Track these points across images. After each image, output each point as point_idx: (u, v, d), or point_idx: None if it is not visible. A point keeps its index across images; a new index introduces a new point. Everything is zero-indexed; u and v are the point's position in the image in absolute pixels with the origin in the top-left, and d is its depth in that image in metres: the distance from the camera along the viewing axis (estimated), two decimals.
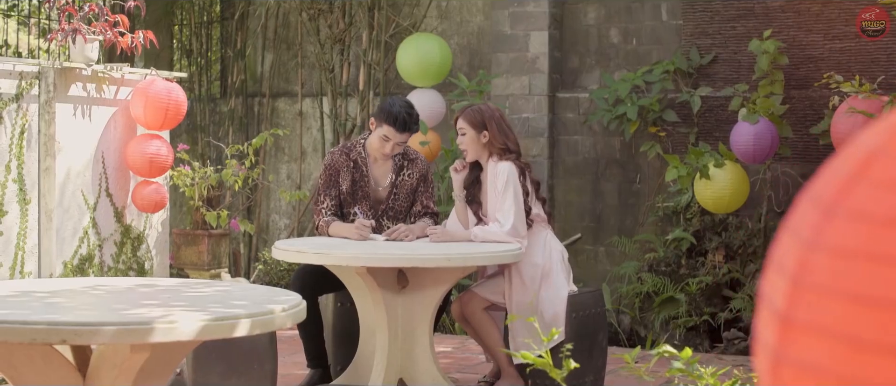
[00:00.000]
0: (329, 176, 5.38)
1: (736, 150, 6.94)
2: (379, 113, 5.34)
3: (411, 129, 5.31)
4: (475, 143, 5.26)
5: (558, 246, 5.37)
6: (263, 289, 3.58)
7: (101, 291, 3.53)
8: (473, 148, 5.27)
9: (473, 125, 5.26)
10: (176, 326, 2.93)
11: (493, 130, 5.25)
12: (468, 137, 5.27)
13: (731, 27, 7.64)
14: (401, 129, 5.26)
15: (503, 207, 5.14)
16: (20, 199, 5.87)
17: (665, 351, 2.84)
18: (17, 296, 3.37)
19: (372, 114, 5.45)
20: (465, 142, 5.28)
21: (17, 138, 5.85)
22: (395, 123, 5.25)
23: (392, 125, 5.25)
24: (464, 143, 5.28)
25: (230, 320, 3.02)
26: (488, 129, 5.25)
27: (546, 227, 5.39)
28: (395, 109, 5.27)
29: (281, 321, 3.16)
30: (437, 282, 4.99)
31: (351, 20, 8.58)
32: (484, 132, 5.25)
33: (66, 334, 2.89)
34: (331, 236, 5.27)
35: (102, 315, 3.04)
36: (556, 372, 2.56)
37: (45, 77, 5.96)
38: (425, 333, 5.05)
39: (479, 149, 5.28)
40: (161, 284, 3.66)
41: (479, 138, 5.25)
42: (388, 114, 5.27)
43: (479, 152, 5.29)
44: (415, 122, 5.32)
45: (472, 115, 5.29)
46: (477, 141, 5.26)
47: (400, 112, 5.26)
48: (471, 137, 5.26)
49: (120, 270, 6.39)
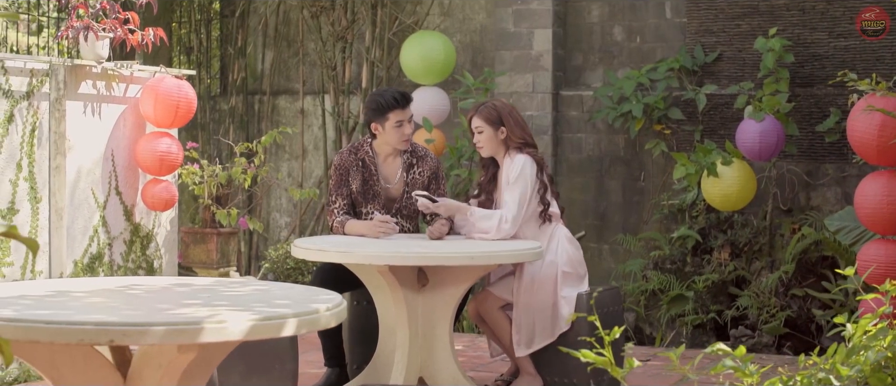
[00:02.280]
0: (339, 176, 5.35)
1: (741, 148, 6.95)
2: (375, 112, 5.26)
3: (409, 99, 5.30)
4: (492, 141, 5.24)
5: (571, 243, 5.35)
6: (301, 288, 3.56)
7: (138, 291, 3.50)
8: (491, 145, 5.25)
9: (490, 122, 5.23)
10: (225, 325, 2.90)
11: (510, 125, 5.24)
12: (485, 135, 5.24)
13: (736, 25, 7.65)
14: (404, 105, 5.25)
15: (507, 197, 5.12)
16: (31, 197, 5.82)
17: (719, 349, 2.84)
18: (55, 296, 3.33)
19: (368, 120, 5.33)
20: (482, 140, 5.25)
21: (28, 136, 5.80)
22: (396, 104, 5.22)
23: (394, 107, 5.22)
24: (481, 141, 5.25)
25: (277, 320, 3.00)
26: (505, 125, 5.23)
27: (560, 223, 5.37)
28: (386, 95, 5.26)
29: (325, 321, 3.14)
30: (457, 280, 4.98)
31: (353, 17, 8.56)
32: (501, 128, 5.23)
33: (115, 335, 2.87)
34: (347, 234, 5.24)
35: (149, 315, 3.01)
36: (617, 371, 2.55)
37: (55, 74, 5.91)
38: (445, 331, 5.04)
39: (496, 145, 5.26)
40: (196, 284, 3.63)
41: (496, 135, 5.23)
42: (384, 103, 5.23)
43: (496, 149, 5.27)
44: (408, 94, 5.33)
45: (488, 112, 5.26)
46: (495, 138, 5.24)
47: (391, 93, 5.27)
48: (488, 135, 5.23)
49: (130, 268, 6.35)
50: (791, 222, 7.29)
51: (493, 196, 5.34)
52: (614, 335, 2.53)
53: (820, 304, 6.97)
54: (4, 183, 5.68)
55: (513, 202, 5.11)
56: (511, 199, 5.12)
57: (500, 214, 5.11)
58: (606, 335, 2.55)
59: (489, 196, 5.34)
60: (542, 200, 5.25)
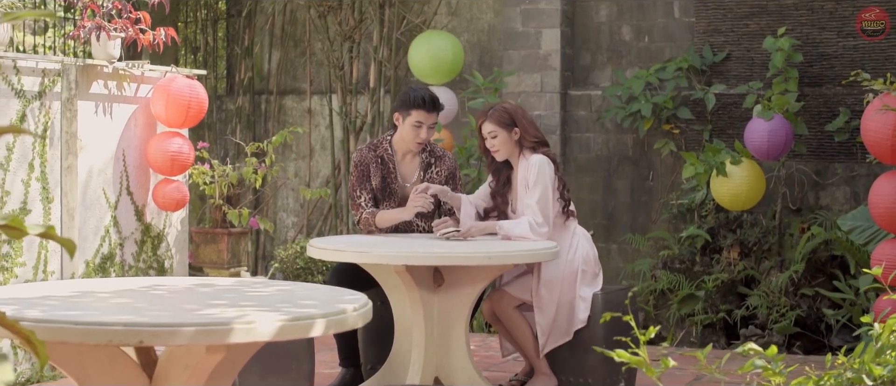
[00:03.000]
0: (361, 172, 5.36)
1: (750, 147, 6.95)
2: (402, 103, 5.32)
3: (438, 107, 5.31)
4: (507, 143, 5.22)
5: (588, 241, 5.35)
6: (325, 288, 3.55)
7: (162, 291, 3.49)
8: (505, 148, 5.23)
9: (502, 125, 5.21)
10: (254, 326, 2.90)
11: (523, 126, 5.23)
12: (500, 139, 5.21)
13: (744, 25, 7.65)
14: (430, 109, 5.26)
15: (531, 201, 5.12)
16: (43, 197, 5.81)
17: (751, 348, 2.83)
18: (79, 296, 3.32)
19: (394, 108, 5.41)
20: (496, 144, 5.22)
21: (40, 136, 5.79)
22: (423, 104, 5.25)
23: (420, 107, 5.25)
24: (495, 146, 5.22)
25: (306, 320, 2.99)
26: (519, 126, 5.22)
27: (575, 222, 5.37)
28: (417, 92, 5.29)
29: (353, 321, 3.13)
30: (473, 280, 4.97)
31: (361, 17, 8.55)
32: (514, 129, 5.21)
33: (144, 335, 2.86)
34: (379, 227, 5.24)
35: (177, 316, 3.00)
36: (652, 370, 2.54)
37: (67, 74, 5.90)
38: (461, 331, 5.03)
39: (510, 147, 5.24)
40: (219, 284, 3.62)
41: (510, 137, 5.22)
42: (412, 99, 5.27)
43: (510, 151, 5.25)
44: (439, 101, 5.33)
45: (500, 115, 5.23)
46: (509, 140, 5.22)
47: (423, 93, 5.28)
48: (502, 138, 5.21)
49: (141, 268, 6.34)
50: (800, 222, 7.29)
51: (508, 198, 5.32)
52: (650, 334, 2.52)
53: (829, 303, 6.97)
54: (17, 183, 5.67)
55: (537, 203, 5.10)
56: (534, 201, 5.10)
57: (528, 219, 5.09)
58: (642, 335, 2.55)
59: (504, 199, 5.32)
60: (561, 196, 5.24)
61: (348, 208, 8.52)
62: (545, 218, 5.09)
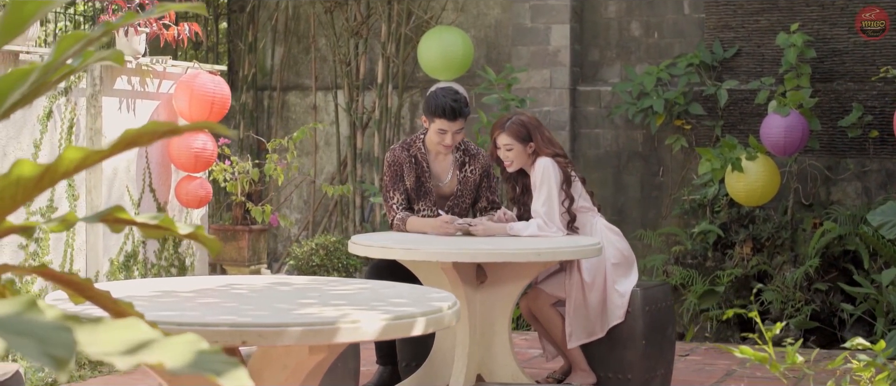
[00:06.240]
0: (394, 172, 5.32)
1: (766, 143, 6.98)
2: (427, 109, 5.30)
3: (463, 113, 5.26)
4: (522, 155, 5.25)
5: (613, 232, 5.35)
6: (407, 286, 3.52)
7: (242, 290, 3.44)
8: (520, 159, 5.26)
9: (519, 138, 5.23)
10: (359, 326, 2.86)
11: (538, 139, 5.24)
12: (515, 151, 5.23)
13: (755, 20, 7.68)
14: (452, 118, 5.23)
15: (537, 205, 5.15)
16: (69, 195, 5.73)
17: (859, 344, 2.84)
18: (163, 296, 3.27)
19: (422, 111, 5.39)
20: (511, 156, 5.24)
21: (66, 133, 5.71)
22: (444, 114, 5.22)
23: (442, 116, 5.22)
24: (509, 158, 5.25)
25: (407, 319, 2.96)
26: (534, 140, 5.23)
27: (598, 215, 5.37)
28: (440, 100, 5.24)
29: (448, 319, 3.10)
30: (516, 277, 4.96)
31: (368, 12, 8.50)
32: (530, 143, 5.23)
33: (249, 336, 2.81)
34: (408, 232, 5.21)
35: (278, 316, 2.96)
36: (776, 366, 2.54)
37: (92, 70, 5.82)
38: (504, 328, 5.02)
39: (525, 159, 5.27)
40: (295, 283, 3.58)
41: (525, 150, 5.24)
42: (434, 107, 5.24)
43: (525, 162, 5.28)
44: (465, 106, 5.27)
45: (516, 128, 5.24)
46: (523, 153, 5.25)
47: (445, 102, 5.23)
48: (518, 151, 5.24)
49: (163, 266, 6.27)
50: (812, 217, 7.34)
51: (529, 205, 5.33)
52: (775, 331, 2.52)
53: (843, 297, 7.02)
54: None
55: (542, 204, 5.13)
56: (539, 204, 5.14)
57: (536, 220, 5.12)
58: (768, 331, 2.54)
59: (526, 207, 5.33)
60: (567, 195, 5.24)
61: (355, 205, 8.47)
62: (551, 219, 5.12)
